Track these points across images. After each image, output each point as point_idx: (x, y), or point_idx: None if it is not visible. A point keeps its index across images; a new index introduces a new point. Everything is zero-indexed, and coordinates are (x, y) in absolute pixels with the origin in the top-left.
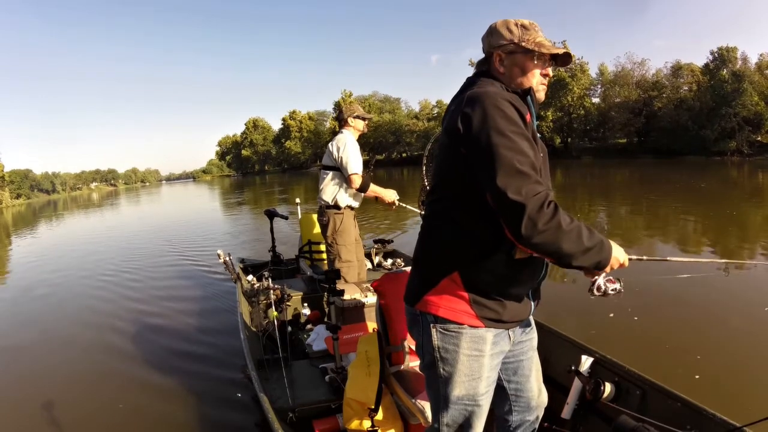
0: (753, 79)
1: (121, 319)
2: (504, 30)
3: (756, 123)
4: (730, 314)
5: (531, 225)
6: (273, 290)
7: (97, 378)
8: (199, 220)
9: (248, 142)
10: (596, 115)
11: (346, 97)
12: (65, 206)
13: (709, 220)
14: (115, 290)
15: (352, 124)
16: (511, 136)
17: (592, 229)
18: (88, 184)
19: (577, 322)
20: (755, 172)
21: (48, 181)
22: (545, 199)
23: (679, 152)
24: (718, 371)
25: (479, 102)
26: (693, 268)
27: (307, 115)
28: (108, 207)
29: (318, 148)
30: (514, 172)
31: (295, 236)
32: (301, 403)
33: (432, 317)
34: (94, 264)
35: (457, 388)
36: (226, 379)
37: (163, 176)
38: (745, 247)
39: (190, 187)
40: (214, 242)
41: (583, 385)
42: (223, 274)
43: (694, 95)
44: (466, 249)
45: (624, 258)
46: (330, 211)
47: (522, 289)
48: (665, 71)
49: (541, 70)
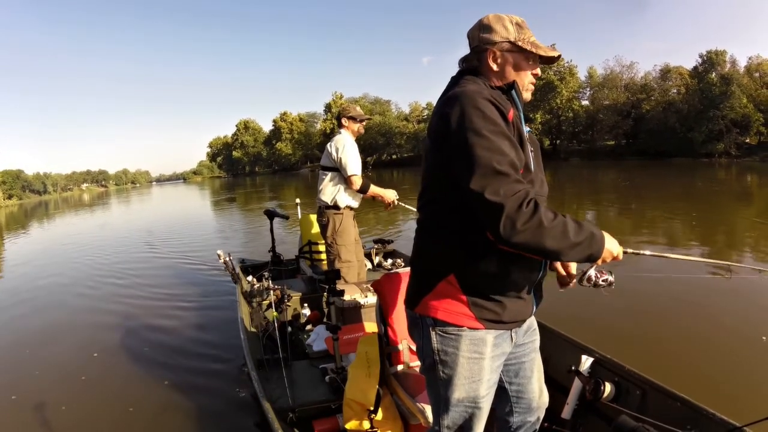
0: (741, 82)
1: (120, 319)
2: (499, 26)
3: (744, 125)
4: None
5: (510, 225)
6: (273, 290)
7: (96, 378)
8: (192, 220)
9: (239, 143)
10: (585, 117)
11: (337, 98)
12: (56, 207)
13: (697, 220)
14: (114, 290)
15: (351, 125)
16: (488, 136)
17: (582, 222)
18: (79, 185)
19: (573, 316)
20: (743, 173)
21: (39, 181)
22: (524, 198)
23: (666, 154)
24: (715, 368)
25: (457, 102)
26: (692, 269)
27: (297, 116)
28: (100, 208)
29: (308, 149)
30: (491, 172)
31: (286, 237)
32: (301, 404)
33: (431, 320)
34: (91, 264)
35: (457, 391)
36: (227, 379)
37: (154, 177)
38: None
39: (180, 188)
40: (207, 241)
41: (583, 385)
42: (222, 274)
43: (683, 98)
44: (460, 251)
45: (618, 250)
46: (329, 211)
47: (520, 288)
48: (654, 74)
49: (532, 70)
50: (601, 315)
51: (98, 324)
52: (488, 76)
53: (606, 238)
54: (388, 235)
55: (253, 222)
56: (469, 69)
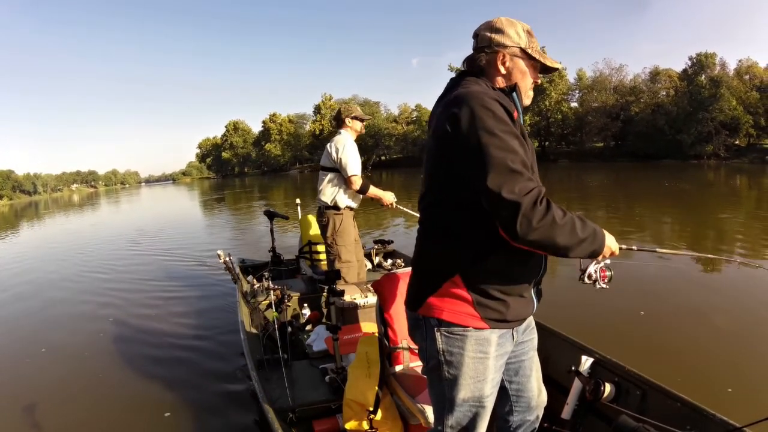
0: (731, 84)
1: (119, 319)
2: (512, 32)
3: (733, 127)
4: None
5: (526, 223)
6: (273, 291)
7: (96, 378)
8: (184, 220)
9: (228, 144)
10: (573, 119)
11: (326, 100)
12: (47, 207)
13: (685, 219)
14: (113, 291)
15: (350, 125)
16: (501, 135)
17: (584, 218)
18: (69, 185)
19: (571, 316)
20: (732, 175)
21: (30, 182)
22: (538, 195)
23: (655, 156)
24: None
25: (466, 102)
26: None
27: (287, 117)
28: (91, 208)
29: (297, 150)
30: (506, 171)
31: (279, 237)
32: (301, 404)
33: (436, 321)
34: (89, 264)
35: (462, 391)
36: (226, 379)
37: (143, 178)
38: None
39: (169, 189)
40: (202, 240)
41: (583, 385)
42: (222, 274)
43: (672, 100)
44: (465, 251)
45: (616, 246)
46: (329, 211)
47: (524, 286)
48: (643, 76)
49: (534, 78)
50: (601, 313)
51: (97, 324)
52: (492, 78)
53: (606, 234)
54: (388, 235)
55: (242, 221)
56: (471, 70)
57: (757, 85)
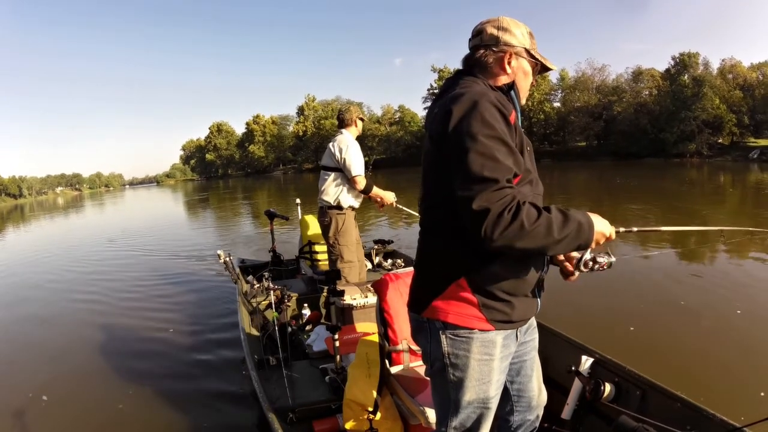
0: (714, 83)
1: (119, 320)
2: (518, 32)
3: (716, 126)
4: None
5: (490, 231)
6: (273, 291)
7: (96, 379)
8: (172, 220)
9: (212, 146)
10: (556, 119)
11: (310, 101)
12: (32, 210)
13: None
14: (113, 291)
15: (358, 126)
16: (483, 141)
17: (568, 213)
18: (54, 188)
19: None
20: (715, 172)
21: (15, 185)
22: (507, 204)
23: (637, 155)
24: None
25: (459, 103)
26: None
27: (270, 119)
28: (77, 211)
29: (281, 152)
30: (479, 179)
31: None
32: (301, 404)
33: (441, 324)
34: (87, 264)
35: (467, 393)
36: (226, 379)
37: (127, 180)
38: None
39: (153, 192)
40: (194, 238)
41: (583, 385)
42: (222, 274)
43: (654, 99)
44: (468, 253)
45: (610, 230)
46: (332, 211)
47: (528, 286)
48: (626, 76)
49: (534, 79)
50: (600, 311)
51: (96, 324)
52: (495, 77)
53: (596, 221)
54: (388, 235)
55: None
56: (469, 69)
57: (740, 84)
